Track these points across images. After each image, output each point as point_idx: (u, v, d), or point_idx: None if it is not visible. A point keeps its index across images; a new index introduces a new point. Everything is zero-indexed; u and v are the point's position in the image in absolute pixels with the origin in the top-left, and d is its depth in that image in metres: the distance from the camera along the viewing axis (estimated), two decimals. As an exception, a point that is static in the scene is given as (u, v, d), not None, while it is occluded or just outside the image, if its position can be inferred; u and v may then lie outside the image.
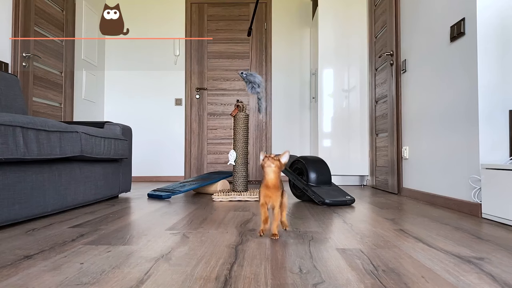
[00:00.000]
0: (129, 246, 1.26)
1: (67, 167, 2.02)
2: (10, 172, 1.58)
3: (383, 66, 3.45)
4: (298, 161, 2.65)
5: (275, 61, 4.74)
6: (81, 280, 0.91)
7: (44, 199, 1.79)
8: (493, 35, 1.98)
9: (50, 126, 1.77)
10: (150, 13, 4.76)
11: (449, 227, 1.65)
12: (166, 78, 4.75)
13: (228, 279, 0.93)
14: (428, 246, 1.28)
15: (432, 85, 2.53)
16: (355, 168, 3.98)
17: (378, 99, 3.64)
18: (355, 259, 1.11)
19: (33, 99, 3.18)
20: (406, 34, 3.00)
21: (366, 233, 1.50)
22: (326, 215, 1.96)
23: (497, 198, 1.79)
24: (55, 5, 3.53)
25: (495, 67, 1.98)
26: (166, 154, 4.70)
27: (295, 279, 0.93)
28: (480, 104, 1.97)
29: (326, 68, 4.06)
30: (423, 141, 2.68)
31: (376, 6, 3.71)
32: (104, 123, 2.66)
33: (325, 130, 4.05)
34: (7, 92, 2.38)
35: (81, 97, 4.07)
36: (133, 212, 2.14)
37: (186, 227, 1.62)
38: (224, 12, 4.75)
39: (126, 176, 2.83)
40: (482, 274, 0.99)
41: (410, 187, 2.90)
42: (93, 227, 1.59)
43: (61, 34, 3.63)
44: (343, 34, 4.04)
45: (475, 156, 2.00)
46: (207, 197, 2.77)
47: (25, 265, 1.04)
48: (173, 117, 4.73)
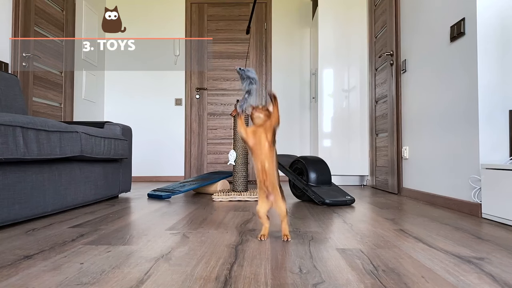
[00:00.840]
0: (129, 246, 1.26)
1: (67, 167, 2.02)
2: (10, 172, 1.58)
3: (383, 66, 3.45)
4: (298, 161, 2.65)
5: (275, 61, 4.74)
6: (81, 280, 0.91)
7: (44, 199, 1.79)
8: (493, 35, 1.98)
9: (50, 126, 1.77)
10: (150, 13, 4.76)
11: (449, 227, 1.65)
12: (166, 78, 4.75)
13: (228, 279, 0.93)
14: (428, 246, 1.28)
15: (432, 85, 2.53)
16: (355, 168, 3.98)
17: (378, 99, 3.64)
18: (355, 259, 1.11)
19: (33, 99, 3.18)
20: (406, 34, 3.00)
21: (366, 233, 1.50)
22: (326, 215, 1.96)
23: (497, 198, 1.79)
24: (55, 5, 3.53)
25: (495, 67, 1.98)
26: (166, 154, 4.70)
27: (295, 279, 0.93)
28: (480, 104, 1.97)
29: (326, 68, 4.06)
30: (423, 141, 2.68)
31: (376, 6, 3.71)
32: (104, 123, 2.66)
33: (325, 130, 4.05)
34: (7, 92, 2.38)
35: (81, 97, 4.07)
36: (133, 212, 2.14)
37: (186, 227, 1.62)
38: (224, 12, 4.75)
39: (126, 176, 2.83)
40: (482, 274, 0.99)
41: (410, 187, 2.90)
42: (93, 227, 1.59)
43: (61, 34, 3.63)
44: (343, 34, 4.04)
45: (475, 156, 2.00)
46: (207, 197, 2.77)
47: (25, 265, 1.04)
48: (173, 117, 4.73)
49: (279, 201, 1.36)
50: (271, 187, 1.35)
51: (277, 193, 1.35)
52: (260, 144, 1.34)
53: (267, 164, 1.33)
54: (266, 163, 1.33)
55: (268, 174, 1.33)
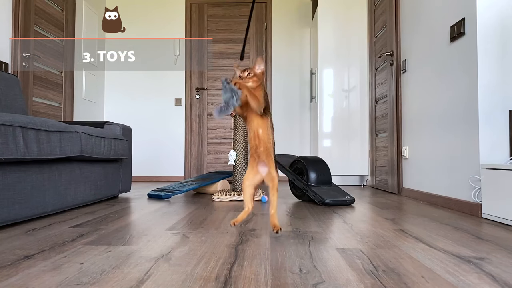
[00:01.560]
0: (129, 246, 1.26)
1: (67, 167, 2.02)
2: (10, 172, 1.58)
3: (383, 66, 3.45)
4: (298, 161, 2.65)
5: (275, 61, 4.74)
6: (81, 280, 0.91)
7: (44, 199, 1.79)
8: (493, 35, 1.98)
9: (50, 126, 1.77)
10: (150, 13, 4.76)
11: (449, 227, 1.65)
12: (166, 78, 4.75)
13: (228, 279, 0.93)
14: (428, 246, 1.28)
15: (432, 85, 2.53)
16: (355, 168, 3.98)
17: (378, 99, 3.64)
18: (355, 259, 1.11)
19: (33, 99, 3.18)
20: (406, 34, 3.00)
21: (366, 233, 1.50)
22: (326, 215, 1.96)
23: (497, 198, 1.79)
24: (55, 5, 3.53)
25: (495, 67, 1.98)
26: (166, 154, 4.70)
27: (295, 279, 0.93)
28: (480, 104, 1.97)
29: (326, 68, 4.06)
30: (423, 141, 2.68)
31: (376, 6, 3.71)
32: (104, 123, 2.66)
33: (325, 130, 4.05)
34: (7, 92, 2.38)
35: (81, 97, 4.07)
36: (133, 212, 2.14)
37: (186, 227, 1.62)
38: (224, 12, 4.75)
39: (126, 176, 2.83)
40: (482, 274, 0.99)
41: (410, 187, 2.90)
42: (93, 227, 1.59)
43: (61, 34, 3.63)
44: (343, 34, 4.04)
45: (475, 156, 2.00)
46: (207, 197, 2.77)
47: (25, 265, 1.04)
48: (173, 117, 4.73)
49: (272, 170, 1.25)
50: (265, 155, 1.24)
51: (271, 161, 1.25)
52: (251, 113, 1.24)
53: (261, 131, 1.24)
54: (260, 130, 1.24)
55: (262, 140, 1.24)
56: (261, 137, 1.23)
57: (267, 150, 1.24)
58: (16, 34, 2.97)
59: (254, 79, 1.23)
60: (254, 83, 1.23)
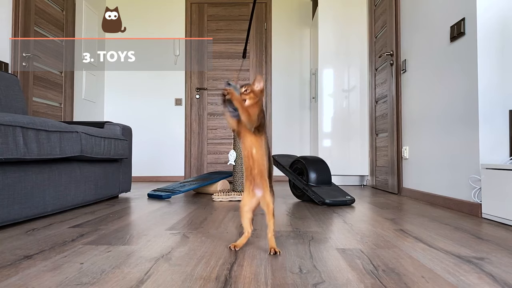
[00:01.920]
0: (129, 246, 1.26)
1: (67, 167, 2.02)
2: (10, 172, 1.58)
3: (383, 66, 3.45)
4: (298, 161, 2.65)
5: (275, 61, 4.74)
6: (81, 280, 0.91)
7: (44, 199, 1.79)
8: (493, 35, 1.98)
9: (50, 126, 1.77)
10: (150, 13, 4.76)
11: (449, 227, 1.65)
12: (166, 78, 4.75)
13: (228, 279, 0.93)
14: (428, 246, 1.28)
15: (432, 85, 2.53)
16: (355, 168, 3.98)
17: (378, 99, 3.64)
18: (355, 259, 1.11)
19: (33, 99, 3.18)
20: (406, 34, 3.00)
21: (366, 233, 1.50)
22: (326, 215, 1.96)
23: (497, 198, 1.79)
24: (55, 5, 3.53)
25: (495, 67, 1.98)
26: (166, 154, 4.70)
27: (295, 279, 0.93)
28: (480, 104, 1.97)
29: (326, 68, 4.06)
30: (423, 141, 2.68)
31: (376, 6, 3.71)
32: (104, 123, 2.66)
33: (325, 130, 4.05)
34: (7, 92, 2.38)
35: (81, 97, 4.07)
36: (133, 212, 2.14)
37: (186, 227, 1.62)
38: (224, 12, 4.75)
39: (126, 176, 2.83)
40: (482, 274, 0.99)
41: (410, 187, 2.90)
42: (93, 227, 1.59)
43: (61, 34, 3.63)
44: (343, 34, 4.04)
45: (475, 156, 2.00)
46: (207, 197, 2.77)
47: (25, 265, 1.04)
48: (173, 117, 4.73)
49: (267, 194, 1.21)
50: (259, 177, 1.20)
51: (265, 185, 1.20)
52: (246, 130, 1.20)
53: (255, 150, 1.19)
54: (253, 149, 1.20)
55: (256, 161, 1.19)
56: (255, 157, 1.20)
57: (261, 173, 1.20)
58: (16, 34, 2.97)
59: (251, 96, 1.20)
60: (251, 100, 1.20)
